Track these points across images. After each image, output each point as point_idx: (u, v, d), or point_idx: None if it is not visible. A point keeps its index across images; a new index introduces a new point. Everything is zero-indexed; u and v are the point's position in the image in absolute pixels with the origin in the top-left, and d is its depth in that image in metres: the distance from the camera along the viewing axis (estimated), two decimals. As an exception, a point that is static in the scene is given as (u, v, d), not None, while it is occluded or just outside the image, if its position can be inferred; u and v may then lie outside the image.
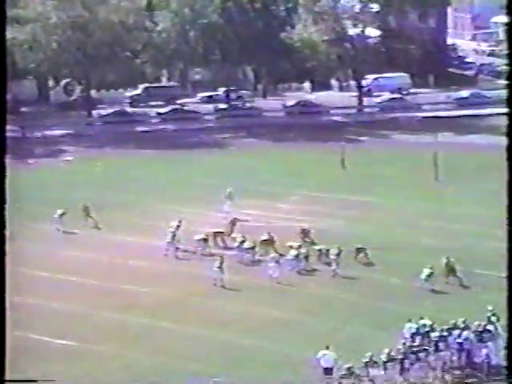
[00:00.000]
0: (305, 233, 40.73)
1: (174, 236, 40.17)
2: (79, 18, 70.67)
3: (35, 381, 26.29)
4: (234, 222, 42.10)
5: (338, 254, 37.62)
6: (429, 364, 28.84)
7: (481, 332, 29.53)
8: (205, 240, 40.25)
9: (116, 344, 31.03)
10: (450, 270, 36.08)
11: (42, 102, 77.57)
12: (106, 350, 30.56)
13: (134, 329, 32.57)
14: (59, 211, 43.46)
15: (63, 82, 78.76)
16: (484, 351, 29.04)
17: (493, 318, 30.38)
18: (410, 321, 30.27)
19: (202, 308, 34.33)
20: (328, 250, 38.30)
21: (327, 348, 28.43)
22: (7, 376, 21.37)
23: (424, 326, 30.00)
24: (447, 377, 28.79)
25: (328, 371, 28.15)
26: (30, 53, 70.02)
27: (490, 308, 30.71)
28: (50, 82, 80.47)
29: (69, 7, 70.86)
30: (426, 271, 35.54)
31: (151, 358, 29.88)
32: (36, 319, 32.74)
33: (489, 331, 29.66)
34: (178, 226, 40.84)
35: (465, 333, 29.47)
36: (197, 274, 37.50)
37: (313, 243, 39.84)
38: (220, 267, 36.32)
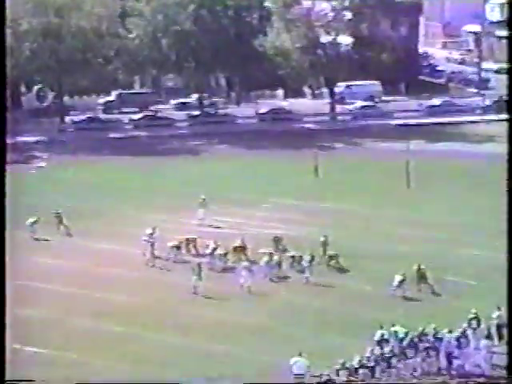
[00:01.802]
0: (277, 240, 40.84)
1: (149, 243, 40.22)
2: (51, 24, 70.47)
3: (34, 381, 26.28)
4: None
5: (311, 261, 37.78)
6: (400, 371, 29.05)
7: (458, 338, 29.74)
8: (177, 247, 40.28)
9: (88, 351, 30.96)
10: (421, 277, 36.33)
11: (15, 109, 77.07)
12: (78, 358, 30.47)
13: (106, 336, 32.49)
14: (31, 219, 43.27)
15: (35, 88, 78.44)
16: (457, 362, 29.28)
17: (473, 323, 30.67)
18: (381, 327, 30.48)
19: (175, 315, 34.32)
20: (301, 257, 38.45)
21: (300, 355, 28.55)
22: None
23: (396, 332, 30.22)
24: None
25: (300, 378, 28.27)
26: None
27: (473, 311, 31.02)
28: (22, 88, 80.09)
29: (40, 13, 70.62)
30: (398, 278, 35.77)
31: (124, 365, 29.84)
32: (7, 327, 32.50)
33: (465, 337, 29.88)
34: (152, 234, 40.83)
35: (438, 338, 29.74)
36: (170, 281, 37.49)
37: (285, 250, 39.94)
38: (198, 275, 36.24)
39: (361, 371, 28.35)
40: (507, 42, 71.98)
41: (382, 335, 30.06)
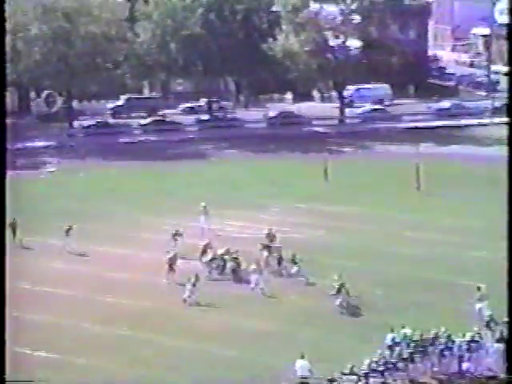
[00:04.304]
0: (270, 236, 40.51)
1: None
2: (60, 29, 70.66)
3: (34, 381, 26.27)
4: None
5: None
6: (409, 374, 28.95)
7: (468, 342, 29.61)
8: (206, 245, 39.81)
9: (97, 356, 30.94)
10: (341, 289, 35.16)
11: (24, 114, 77.35)
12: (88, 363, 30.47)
13: (114, 340, 32.48)
14: (65, 227, 42.57)
15: (44, 93, 78.61)
16: (465, 365, 29.16)
17: (491, 324, 30.55)
18: (392, 331, 30.36)
19: (182, 319, 34.31)
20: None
21: (302, 357, 28.51)
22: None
23: (406, 335, 30.09)
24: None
25: (304, 380, 28.22)
26: (11, 64, 69.79)
27: (488, 313, 30.91)
28: (32, 94, 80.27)
29: (50, 18, 70.83)
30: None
31: (132, 370, 29.81)
32: (17, 331, 32.53)
33: (476, 341, 29.73)
34: (176, 239, 40.86)
35: (448, 342, 29.62)
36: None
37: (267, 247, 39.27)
38: (194, 285, 35.59)
39: (371, 375, 28.20)
40: (507, 44, 71.84)
41: (393, 339, 29.95)
